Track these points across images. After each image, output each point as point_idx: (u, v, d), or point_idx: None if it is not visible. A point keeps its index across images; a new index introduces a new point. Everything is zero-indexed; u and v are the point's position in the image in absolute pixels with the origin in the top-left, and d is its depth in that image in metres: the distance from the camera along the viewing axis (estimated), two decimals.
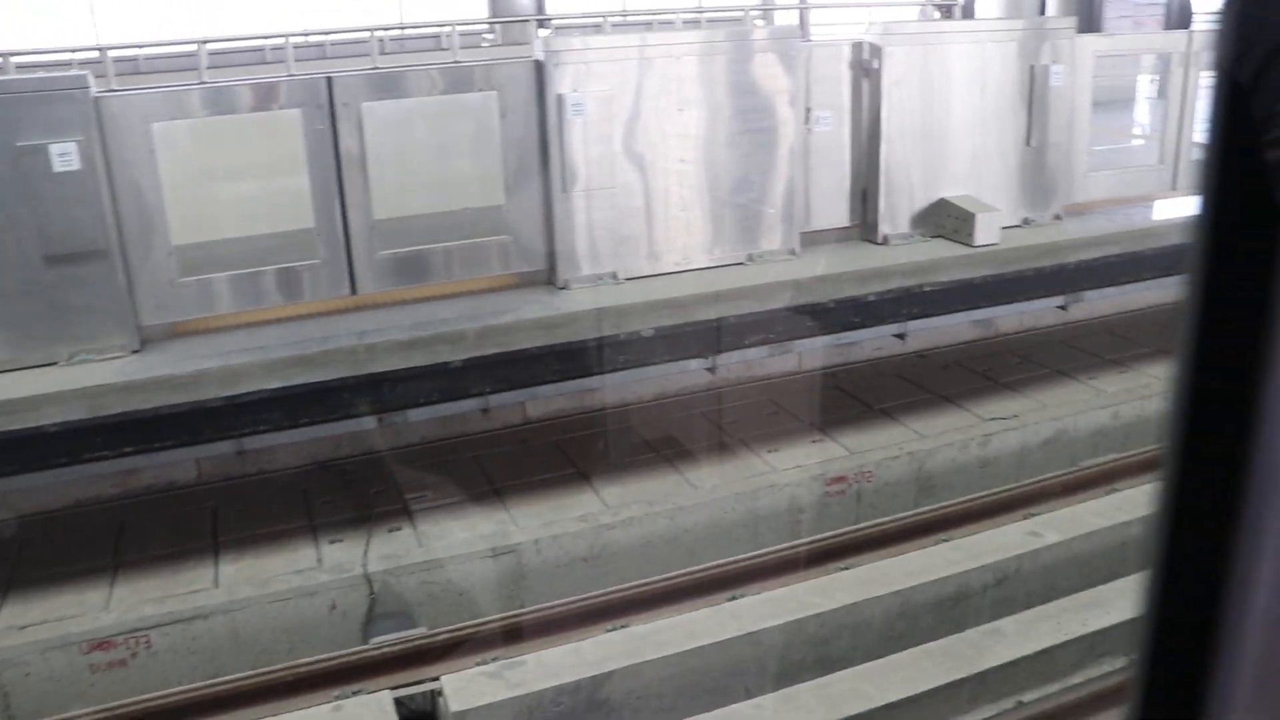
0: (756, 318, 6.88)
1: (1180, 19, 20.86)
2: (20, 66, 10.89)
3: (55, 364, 6.08)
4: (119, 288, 6.24)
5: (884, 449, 6.77)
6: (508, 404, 7.06)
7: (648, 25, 14.60)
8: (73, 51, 12.50)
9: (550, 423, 7.20)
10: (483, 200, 6.90)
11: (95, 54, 11.08)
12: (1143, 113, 14.27)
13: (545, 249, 6.95)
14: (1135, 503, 5.87)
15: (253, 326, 6.57)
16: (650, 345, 6.63)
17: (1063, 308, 8.67)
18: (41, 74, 9.15)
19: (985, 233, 7.77)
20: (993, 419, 7.21)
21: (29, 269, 6.02)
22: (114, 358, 6.16)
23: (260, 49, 13.46)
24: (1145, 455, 6.71)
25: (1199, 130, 9.22)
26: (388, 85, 6.68)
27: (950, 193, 8.00)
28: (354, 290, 6.78)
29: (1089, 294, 8.51)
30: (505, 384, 6.59)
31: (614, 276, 7.01)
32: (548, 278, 6.99)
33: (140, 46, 12.55)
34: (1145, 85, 14.85)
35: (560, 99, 6.69)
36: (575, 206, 6.88)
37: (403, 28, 14.96)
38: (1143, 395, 7.48)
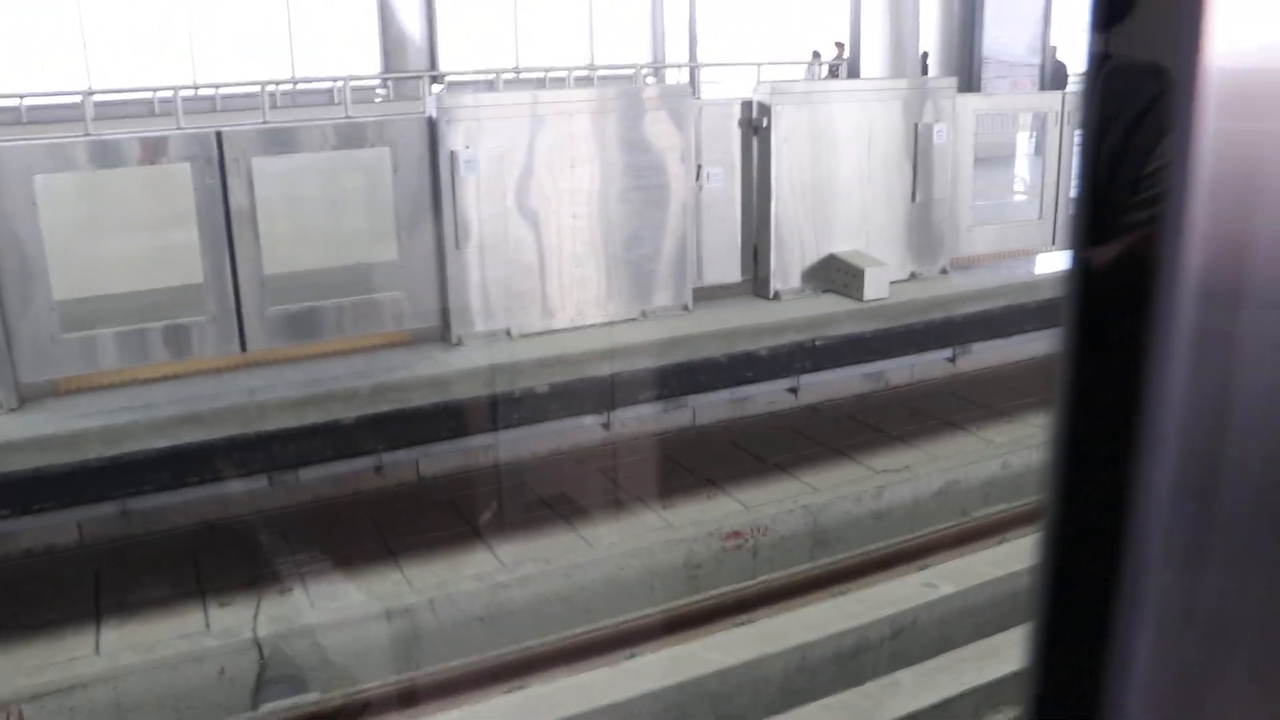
0: (650, 373, 6.94)
1: (1054, 80, 21.78)
2: None
3: None
4: None
5: (779, 503, 6.83)
6: (401, 461, 6.97)
7: (540, 81, 14.77)
8: None
9: (444, 480, 7.13)
10: (375, 256, 6.88)
11: None
12: (1022, 168, 14.80)
13: (438, 305, 6.92)
14: (1027, 552, 6.00)
15: (138, 385, 6.41)
16: (544, 401, 6.63)
17: (951, 360, 8.88)
18: None
19: (874, 287, 7.96)
20: (885, 471, 7.33)
21: None
22: None
23: (149, 100, 13.27)
24: (1035, 505, 6.89)
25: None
26: (279, 140, 6.63)
27: (839, 248, 8.18)
28: (244, 347, 6.67)
29: (976, 346, 8.74)
30: (398, 441, 6.53)
31: (507, 333, 7.01)
32: (441, 334, 6.96)
33: (23, 96, 12.26)
34: (1023, 142, 15.41)
35: (453, 156, 6.71)
36: (468, 262, 6.88)
37: (294, 82, 14.86)
38: (1031, 445, 7.68)
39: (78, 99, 11.10)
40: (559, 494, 6.85)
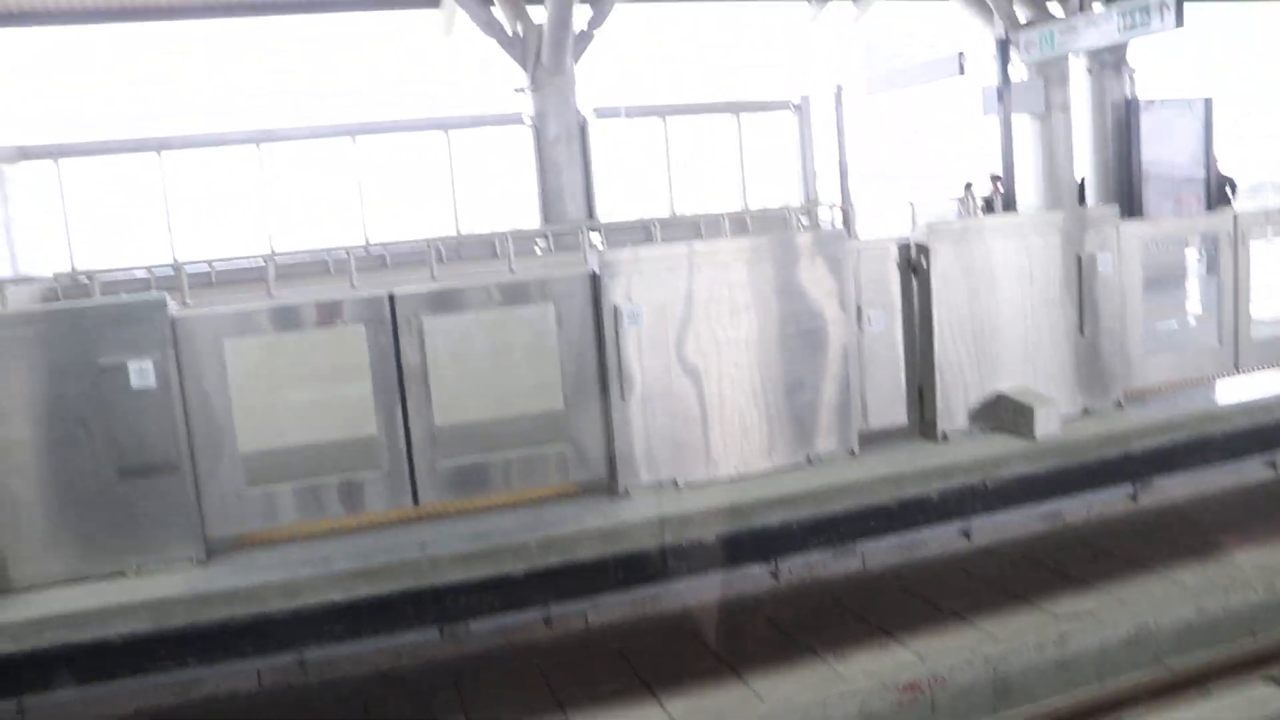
0: (817, 520, 6.83)
1: (1219, 194, 21.14)
2: (104, 285, 11.44)
3: (124, 574, 6.17)
4: (188, 500, 6.39)
5: (956, 652, 6.57)
6: (570, 613, 6.98)
7: (696, 225, 15.06)
8: (150, 269, 13.12)
9: (613, 630, 7.09)
10: (541, 407, 7.00)
11: (171, 271, 11.66)
12: (1194, 288, 14.31)
13: (604, 456, 7.00)
14: (1236, 705, 5.64)
15: (317, 538, 6.62)
16: (711, 551, 6.58)
17: (1132, 496, 8.49)
18: (124, 295, 9.57)
19: (1045, 424, 7.73)
20: (1068, 616, 7.00)
21: (103, 481, 6.21)
22: (180, 570, 6.23)
23: (324, 261, 14.00)
24: (1239, 653, 6.49)
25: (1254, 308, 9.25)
26: (447, 301, 6.88)
27: (1006, 385, 8.00)
28: (416, 500, 6.84)
29: (1159, 480, 8.36)
30: (567, 593, 6.55)
31: (674, 483, 7.02)
32: (607, 485, 7.02)
33: (212, 261, 13.09)
34: (1193, 260, 14.94)
35: (616, 309, 6.85)
36: (633, 413, 6.95)
37: (459, 238, 15.51)
38: (1226, 586, 7.25)
39: (260, 262, 11.84)
40: (727, 645, 6.73)
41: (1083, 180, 22.09)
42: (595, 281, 6.94)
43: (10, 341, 6.10)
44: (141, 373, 6.24)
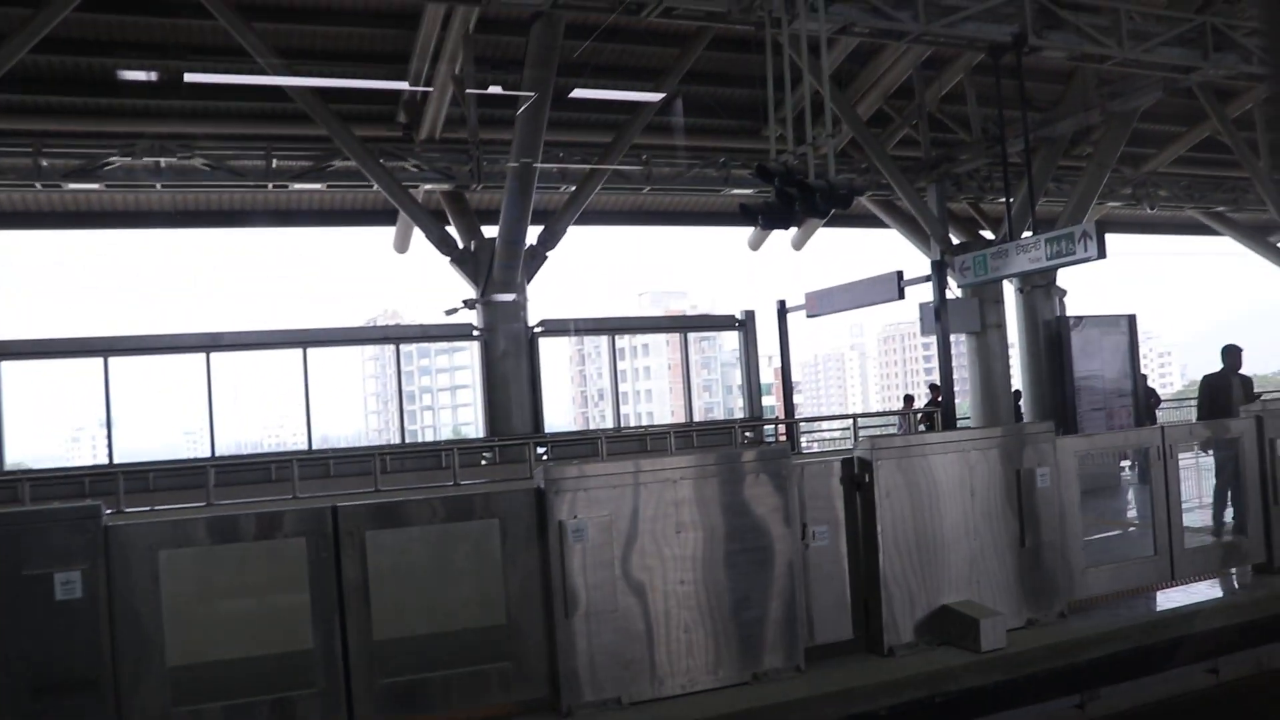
0: None
1: (1146, 404, 21.79)
2: (36, 487, 11.26)
3: None
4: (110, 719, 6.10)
5: None
6: None
7: (642, 439, 15.23)
8: (84, 471, 12.98)
9: None
10: (483, 621, 6.88)
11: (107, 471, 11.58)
12: (1129, 498, 14.62)
13: (547, 673, 6.85)
14: None
15: None
16: None
17: (1079, 706, 8.44)
18: (55, 503, 9.41)
19: (990, 637, 7.72)
20: None
21: (16, 699, 5.90)
22: None
23: (267, 466, 13.89)
24: None
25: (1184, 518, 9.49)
26: (391, 515, 6.83)
27: (951, 599, 8.01)
28: None
29: (1105, 690, 8.34)
30: None
31: (618, 702, 6.86)
32: (550, 703, 6.84)
33: (150, 469, 12.92)
34: (1126, 474, 15.34)
35: (561, 525, 6.83)
36: (576, 630, 6.84)
37: (403, 451, 15.51)
38: None
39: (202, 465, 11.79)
40: None
41: (1017, 392, 22.68)
42: (540, 497, 6.94)
43: None
44: (68, 585, 6.06)
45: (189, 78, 14.72)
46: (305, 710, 6.52)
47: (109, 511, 6.59)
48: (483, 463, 14.89)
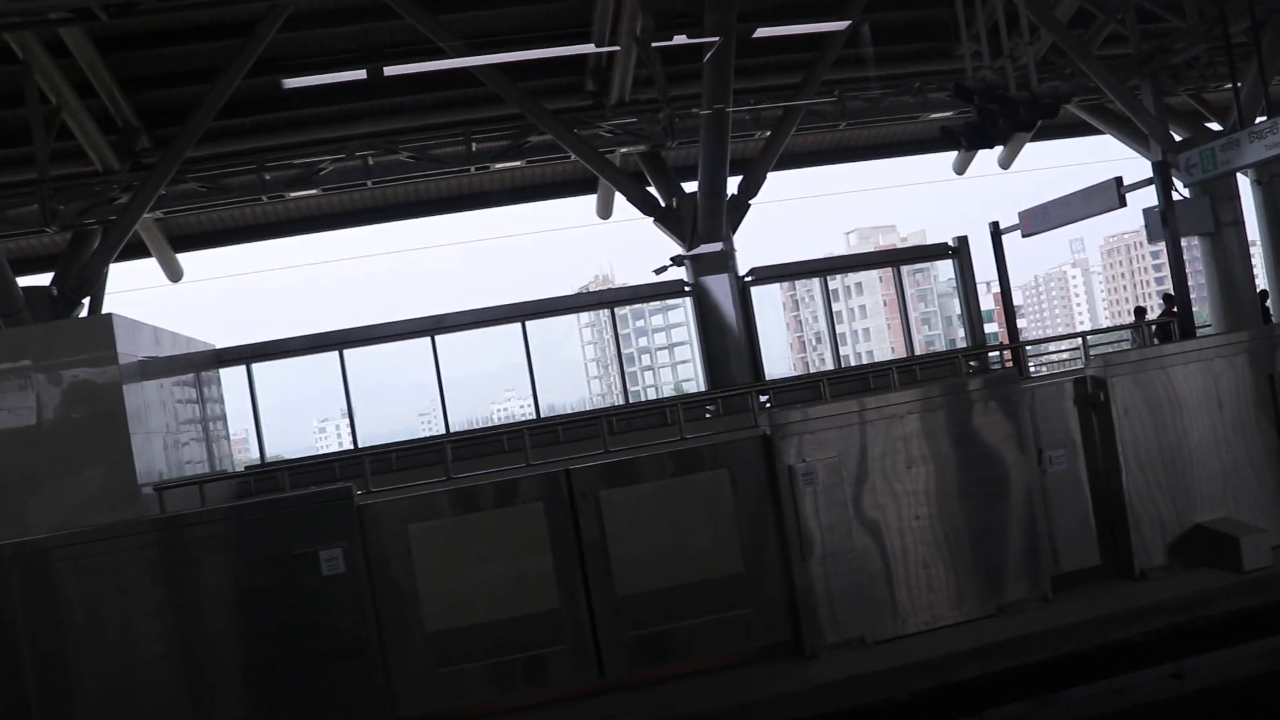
0: (1015, 672, 6.54)
1: None
2: (292, 475, 12.06)
3: None
4: (378, 682, 6.55)
5: None
6: None
7: (864, 378, 15.00)
8: (336, 457, 13.82)
9: None
10: (721, 570, 6.96)
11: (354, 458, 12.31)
12: None
13: (788, 617, 6.90)
14: None
15: (505, 716, 6.65)
16: (907, 710, 6.35)
17: None
18: (312, 487, 10.05)
19: (1254, 556, 7.30)
20: None
21: (297, 666, 6.45)
22: None
23: (499, 438, 14.38)
24: None
25: None
26: (622, 474, 7.00)
27: (1205, 517, 7.62)
28: (602, 674, 6.83)
29: None
30: None
31: (861, 641, 6.86)
32: (794, 647, 6.89)
33: (392, 450, 13.60)
34: None
35: (790, 470, 6.85)
36: (815, 573, 6.87)
37: (629, 411, 15.77)
38: None
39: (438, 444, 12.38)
40: None
41: (1263, 293, 21.16)
42: (767, 444, 6.96)
43: (208, 538, 6.47)
44: (331, 561, 6.51)
45: (388, 71, 15.25)
46: (558, 666, 6.79)
47: (359, 493, 7.00)
48: (707, 415, 15.00)
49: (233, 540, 6.51)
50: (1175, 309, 17.40)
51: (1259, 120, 17.40)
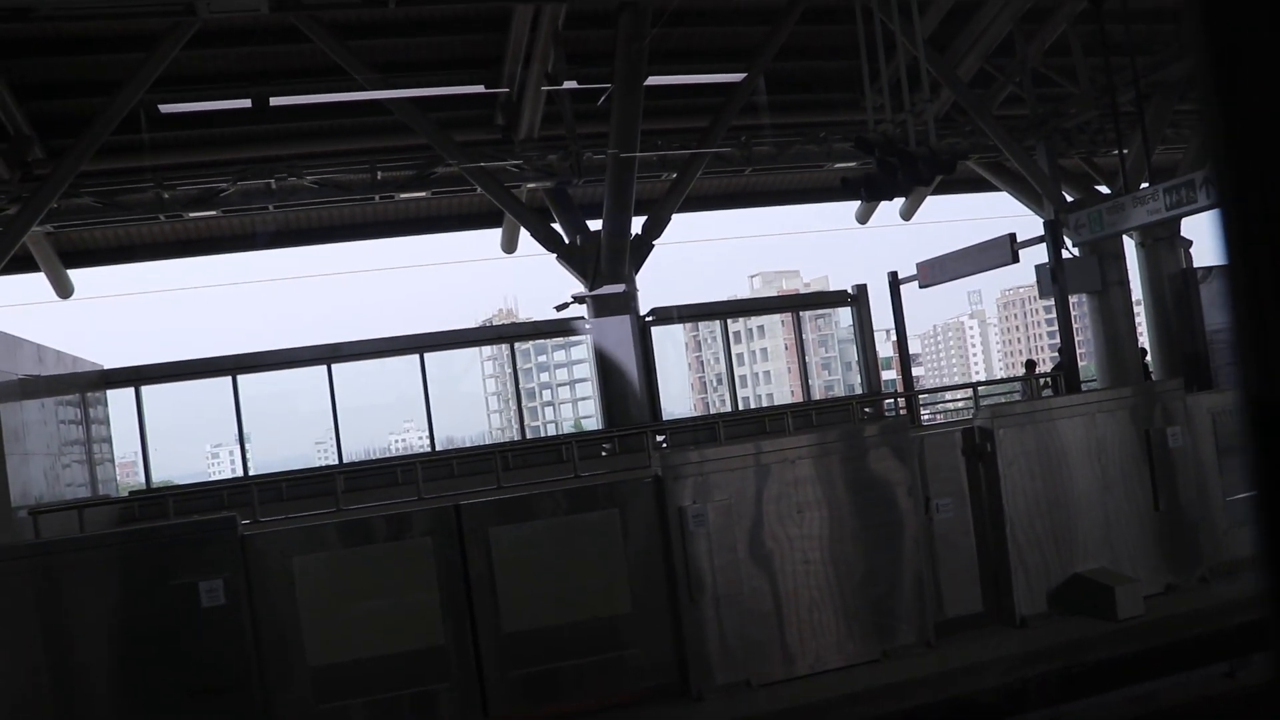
0: (899, 716, 6.60)
1: None
2: (178, 501, 11.76)
3: None
4: (257, 718, 6.34)
5: None
6: None
7: (760, 420, 15.17)
8: (224, 484, 13.50)
9: None
10: (610, 610, 6.92)
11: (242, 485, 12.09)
12: None
13: (676, 659, 6.88)
14: None
15: None
16: None
17: (1229, 674, 8.12)
18: (195, 516, 9.80)
19: (1127, 605, 7.51)
20: None
21: (174, 700, 6.21)
22: None
23: (393, 469, 14.22)
24: None
25: None
26: (513, 510, 6.93)
27: (1084, 566, 7.81)
28: (486, 713, 6.73)
29: (1260, 655, 8.00)
30: None
31: (748, 684, 6.86)
32: (681, 689, 6.87)
33: (285, 480, 13.33)
34: None
35: (681, 511, 6.85)
36: (703, 615, 6.87)
37: (524, 447, 15.70)
38: None
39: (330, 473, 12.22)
40: None
41: (1144, 350, 21.92)
42: (660, 484, 6.96)
43: (83, 565, 6.24)
44: (212, 592, 6.32)
45: (290, 101, 15.09)
46: (442, 703, 6.67)
47: (245, 522, 6.82)
48: (603, 454, 15.00)
49: (109, 568, 6.28)
50: (1033, 371, 17.96)
51: (1143, 186, 18.11)
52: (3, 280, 17.31)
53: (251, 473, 17.59)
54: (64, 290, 19.22)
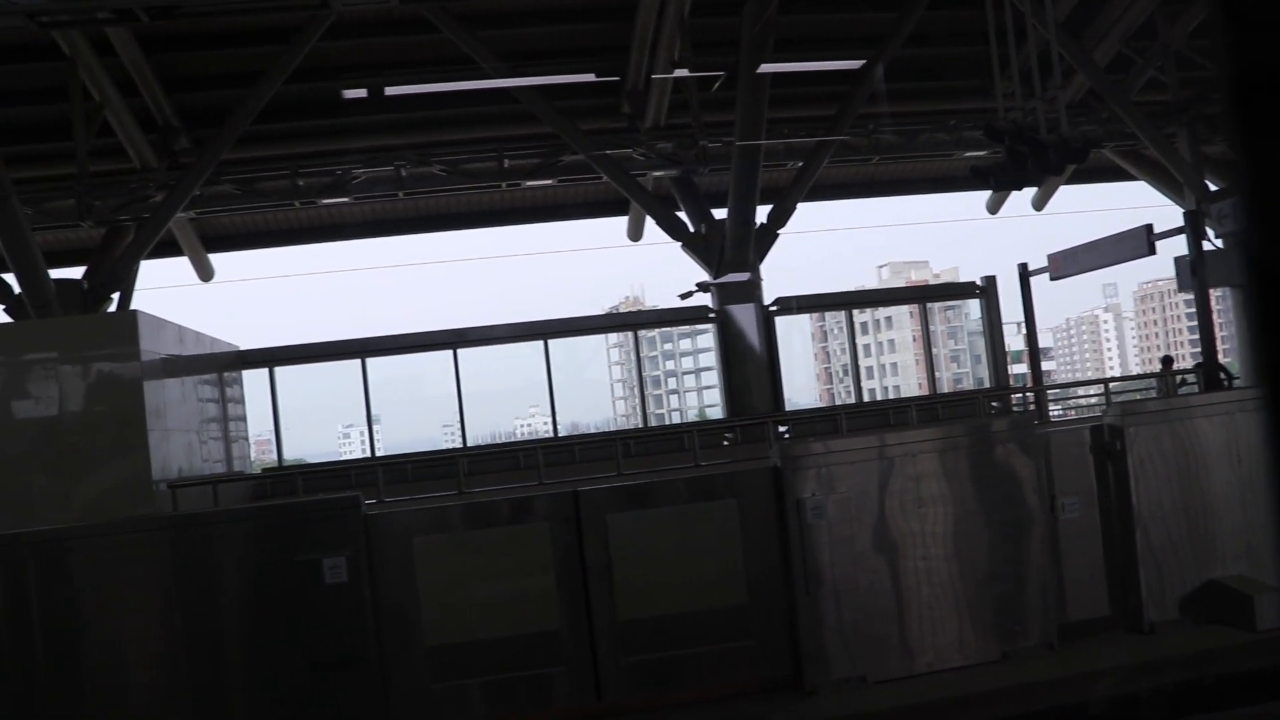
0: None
1: None
2: (307, 481, 12.14)
3: None
4: (376, 694, 6.52)
5: None
6: None
7: (884, 413, 14.96)
8: (352, 464, 13.87)
9: None
10: (725, 600, 6.92)
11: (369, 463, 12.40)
12: None
13: (790, 651, 6.84)
14: None
15: None
16: None
17: None
18: (321, 494, 10.10)
19: (1268, 615, 7.19)
20: None
21: (295, 672, 6.43)
22: None
23: (515, 454, 14.39)
24: None
25: None
26: (631, 497, 6.98)
27: (1220, 573, 7.52)
28: (599, 697, 6.79)
29: None
30: None
31: (863, 679, 6.79)
32: (794, 682, 6.84)
33: (407, 461, 13.63)
34: None
35: (800, 503, 6.81)
36: (820, 608, 6.81)
37: (646, 434, 15.76)
38: None
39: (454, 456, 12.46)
40: None
41: None
42: (779, 475, 6.93)
43: (215, 538, 6.49)
44: (334, 569, 6.51)
45: (390, 91, 15.38)
46: (556, 687, 6.76)
47: (370, 502, 7.00)
48: (725, 443, 14.96)
49: (238, 543, 6.54)
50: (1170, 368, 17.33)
51: None
52: (150, 264, 18.03)
53: (379, 454, 18.02)
54: (205, 274, 19.96)
